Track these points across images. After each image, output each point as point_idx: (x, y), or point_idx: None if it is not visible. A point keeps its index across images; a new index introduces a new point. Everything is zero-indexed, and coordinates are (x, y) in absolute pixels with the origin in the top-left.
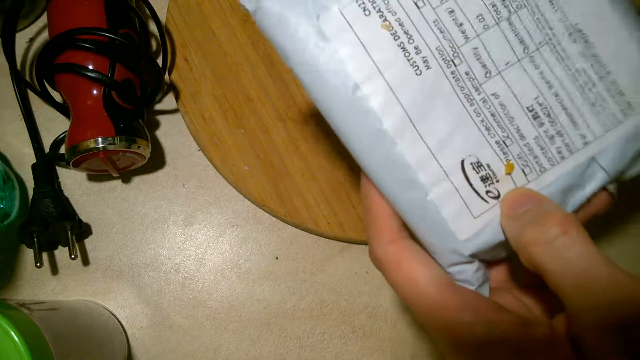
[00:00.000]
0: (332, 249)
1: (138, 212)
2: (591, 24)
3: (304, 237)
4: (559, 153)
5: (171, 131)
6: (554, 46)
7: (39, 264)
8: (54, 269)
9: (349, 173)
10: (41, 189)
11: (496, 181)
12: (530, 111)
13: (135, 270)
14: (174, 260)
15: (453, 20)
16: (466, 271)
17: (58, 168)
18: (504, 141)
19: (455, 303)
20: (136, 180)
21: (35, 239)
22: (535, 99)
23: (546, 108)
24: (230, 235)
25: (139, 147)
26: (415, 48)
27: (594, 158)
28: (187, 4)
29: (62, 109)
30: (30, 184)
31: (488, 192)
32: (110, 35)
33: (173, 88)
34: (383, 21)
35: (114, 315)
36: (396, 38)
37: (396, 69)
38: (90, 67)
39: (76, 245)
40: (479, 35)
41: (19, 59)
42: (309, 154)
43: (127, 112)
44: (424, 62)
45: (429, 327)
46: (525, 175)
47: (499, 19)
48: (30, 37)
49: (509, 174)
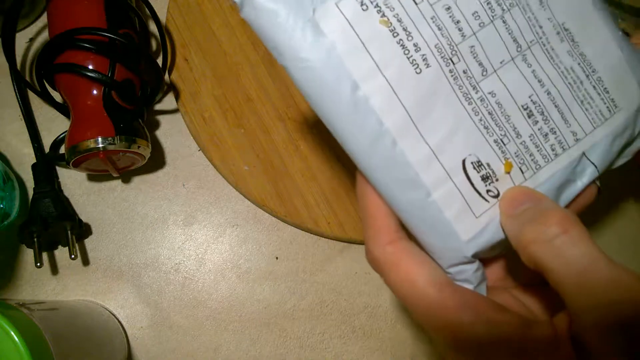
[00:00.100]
0: (332, 249)
1: (138, 212)
2: (576, 23)
3: (304, 237)
4: (553, 150)
5: (171, 131)
6: (543, 45)
7: (39, 264)
8: (54, 269)
9: (349, 173)
10: (41, 189)
11: (496, 180)
12: (525, 109)
13: (135, 270)
14: (174, 260)
15: (450, 17)
16: (466, 271)
17: (58, 168)
18: (501, 140)
19: (454, 303)
20: (136, 180)
21: (35, 239)
22: (530, 97)
23: (540, 106)
24: (230, 235)
25: (139, 147)
26: (415, 45)
27: (584, 154)
28: (187, 4)
29: (62, 109)
30: (30, 184)
31: (488, 192)
32: (110, 35)
33: (173, 88)
34: (381, 17)
35: (114, 315)
36: (395, 35)
37: (396, 67)
38: (90, 67)
39: (76, 245)
40: (475, 33)
41: (19, 59)
42: (309, 154)
43: (127, 112)
44: (424, 60)
45: (428, 328)
46: (523, 173)
47: (493, 16)
48: (30, 37)
49: (508, 173)
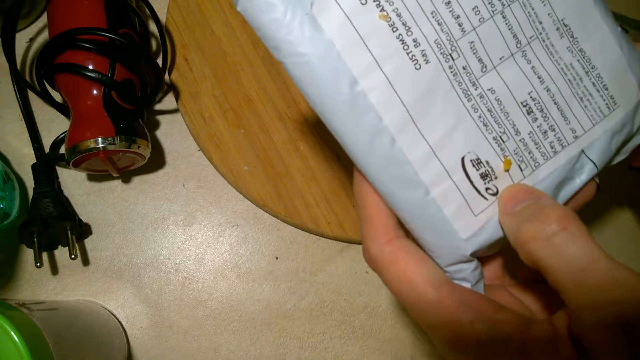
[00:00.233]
0: (332, 249)
1: (138, 212)
2: (576, 19)
3: (304, 237)
4: (552, 147)
5: (171, 131)
6: (543, 41)
7: (39, 264)
8: (54, 269)
9: (349, 173)
10: (41, 189)
11: (495, 178)
12: (525, 106)
13: (135, 270)
14: (174, 260)
15: (450, 12)
16: (465, 270)
17: (58, 168)
18: (500, 137)
19: (453, 302)
20: (136, 180)
21: (35, 239)
22: (529, 93)
23: (539, 103)
24: (230, 235)
25: (139, 147)
26: (414, 41)
27: (583, 151)
28: (187, 4)
29: (62, 109)
30: (30, 184)
31: (487, 189)
32: (110, 35)
33: (173, 88)
34: (380, 11)
35: (114, 315)
36: (394, 30)
37: (395, 62)
38: (90, 67)
39: (76, 245)
40: (475, 29)
41: (19, 59)
42: (309, 154)
43: (127, 112)
44: (423, 56)
45: (427, 327)
46: (522, 170)
47: (493, 11)
48: (30, 37)
49: (507, 171)
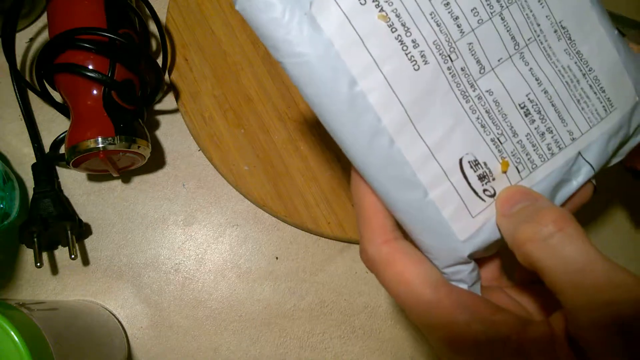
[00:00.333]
0: (332, 249)
1: (138, 212)
2: (573, 21)
3: (304, 237)
4: (549, 149)
5: (171, 131)
6: (541, 43)
7: (39, 264)
8: (54, 269)
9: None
10: (41, 189)
11: (492, 179)
12: (522, 108)
13: (135, 270)
14: (174, 260)
15: (449, 13)
16: (462, 271)
17: (58, 168)
18: (498, 138)
19: (450, 303)
20: (136, 180)
21: (35, 239)
22: (527, 95)
23: (537, 105)
24: (230, 235)
25: (139, 147)
26: (413, 42)
27: (580, 153)
28: (187, 4)
29: (62, 109)
30: (30, 184)
31: (485, 191)
32: (110, 35)
33: (173, 88)
34: (379, 11)
35: (114, 315)
36: (393, 30)
37: (394, 63)
38: (90, 67)
39: (76, 245)
40: (473, 30)
41: (19, 59)
42: (309, 154)
43: (127, 112)
44: (422, 57)
45: (424, 328)
46: (519, 172)
47: (492, 13)
48: (30, 37)
49: (505, 172)
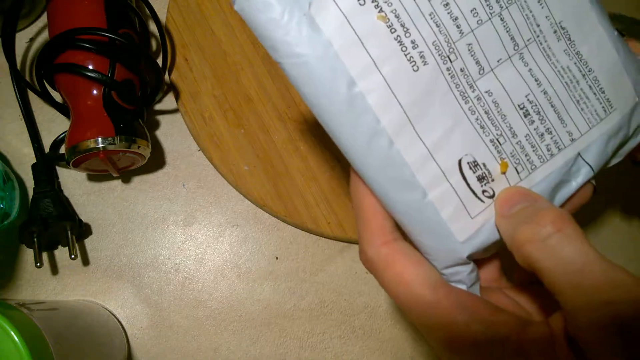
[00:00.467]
0: (332, 249)
1: (138, 212)
2: (573, 21)
3: (304, 237)
4: (549, 150)
5: (171, 131)
6: (540, 43)
7: (39, 264)
8: (54, 269)
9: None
10: (41, 189)
11: (491, 180)
12: (521, 109)
13: (135, 270)
14: (174, 260)
15: (448, 13)
16: (461, 272)
17: (58, 168)
18: (497, 139)
19: (450, 303)
20: (136, 180)
21: (35, 239)
22: (526, 96)
23: (536, 105)
24: (230, 235)
25: (139, 147)
26: (412, 42)
27: (579, 154)
28: (187, 4)
29: (62, 109)
30: (30, 184)
31: (484, 192)
32: (110, 35)
33: (173, 88)
34: (379, 12)
35: (114, 315)
36: (393, 31)
37: (393, 64)
38: (90, 67)
39: (76, 245)
40: (473, 31)
41: (19, 59)
42: (309, 154)
43: (127, 112)
44: (421, 58)
45: (423, 329)
46: (518, 173)
47: (491, 14)
48: (30, 37)
49: (504, 173)
